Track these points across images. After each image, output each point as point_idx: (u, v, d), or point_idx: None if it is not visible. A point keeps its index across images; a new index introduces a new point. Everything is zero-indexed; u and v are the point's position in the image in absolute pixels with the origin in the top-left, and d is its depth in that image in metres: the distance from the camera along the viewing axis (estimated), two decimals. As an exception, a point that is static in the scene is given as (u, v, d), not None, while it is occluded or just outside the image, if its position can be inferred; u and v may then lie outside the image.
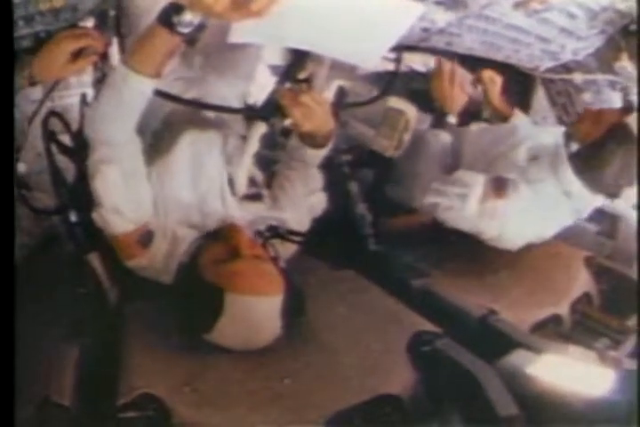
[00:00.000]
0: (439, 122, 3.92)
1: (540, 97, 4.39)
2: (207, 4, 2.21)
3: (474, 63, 3.98)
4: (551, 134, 3.68)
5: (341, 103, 3.38)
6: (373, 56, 2.62)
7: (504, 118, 4.01)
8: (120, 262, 2.88)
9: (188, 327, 2.62)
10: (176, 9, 2.32)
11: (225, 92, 3.14)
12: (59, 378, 2.40)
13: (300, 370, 2.55)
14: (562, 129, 3.63)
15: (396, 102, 3.69)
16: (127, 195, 2.77)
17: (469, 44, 3.52)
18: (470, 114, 4.15)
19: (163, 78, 2.64)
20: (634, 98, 3.68)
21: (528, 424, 2.41)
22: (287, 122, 2.78)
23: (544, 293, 3.47)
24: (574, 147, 3.43)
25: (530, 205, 3.47)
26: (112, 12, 2.98)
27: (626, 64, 3.77)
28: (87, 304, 2.89)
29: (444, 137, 3.87)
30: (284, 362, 2.58)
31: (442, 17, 2.96)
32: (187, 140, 2.96)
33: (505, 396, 2.45)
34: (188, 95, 3.08)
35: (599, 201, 3.47)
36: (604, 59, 3.88)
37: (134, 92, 2.58)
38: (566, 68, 4.06)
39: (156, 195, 2.85)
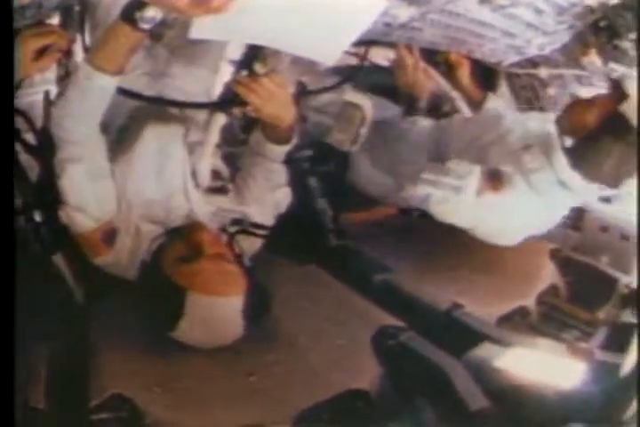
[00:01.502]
0: (411, 108, 3.91)
1: (503, 91, 4.38)
2: (171, 2, 2.21)
3: (436, 58, 4.00)
4: (539, 121, 3.71)
5: (301, 98, 3.37)
6: (335, 52, 2.60)
7: (477, 103, 4.02)
8: (86, 261, 2.87)
9: (152, 326, 2.63)
10: (138, 5, 2.32)
11: (189, 86, 3.14)
12: (34, 382, 2.39)
13: (266, 367, 2.58)
14: (549, 116, 3.66)
15: (352, 97, 3.70)
16: (91, 193, 2.77)
17: (431, 38, 3.49)
18: (439, 102, 4.18)
19: (128, 74, 2.64)
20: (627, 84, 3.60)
21: (500, 417, 2.44)
22: (247, 109, 2.79)
23: (510, 285, 3.51)
24: (568, 141, 3.41)
25: (526, 197, 3.46)
26: (77, 8, 2.98)
27: (594, 59, 3.78)
28: (55, 305, 2.88)
29: (423, 122, 3.89)
30: (249, 359, 2.61)
31: (404, 12, 2.95)
32: (150, 135, 2.96)
33: (474, 389, 2.48)
34: (153, 90, 3.08)
35: (596, 189, 3.42)
36: (572, 54, 3.89)
37: (98, 89, 2.58)
38: (532, 62, 4.07)
39: (119, 191, 2.85)
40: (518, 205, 3.42)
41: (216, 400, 2.42)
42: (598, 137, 3.25)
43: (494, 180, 3.40)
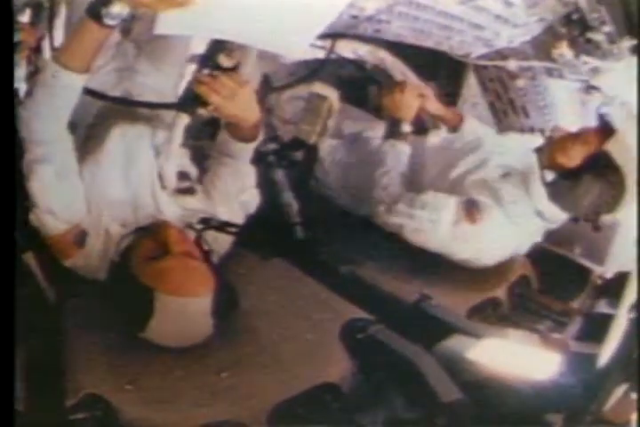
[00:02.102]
0: (393, 131, 3.84)
1: (470, 83, 4.41)
2: None
3: (404, 50, 4.00)
4: (520, 148, 3.71)
5: (267, 91, 3.37)
6: (300, 46, 2.61)
7: (453, 128, 3.98)
8: (57, 261, 2.85)
9: (123, 325, 2.60)
10: (104, 1, 2.29)
11: (158, 82, 3.13)
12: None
13: (237, 363, 2.57)
14: (530, 143, 3.66)
15: (320, 88, 3.70)
16: (60, 195, 2.75)
17: (398, 30, 3.50)
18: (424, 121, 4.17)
19: (96, 71, 2.64)
20: (612, 117, 3.60)
21: (474, 409, 2.43)
22: (209, 109, 2.71)
23: (480, 276, 3.50)
24: (549, 175, 3.42)
25: (503, 227, 3.48)
26: (46, 5, 2.96)
27: (565, 52, 3.78)
28: (28, 305, 2.87)
29: (402, 148, 3.80)
30: (219, 356, 2.59)
31: (371, 4, 2.96)
32: (117, 135, 2.95)
33: (446, 381, 2.48)
34: (121, 87, 3.08)
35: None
36: (542, 46, 3.89)
37: (65, 88, 2.55)
38: (501, 54, 4.05)
39: (88, 193, 2.83)
40: (494, 234, 3.46)
41: (189, 397, 2.40)
42: (580, 174, 3.28)
43: (471, 211, 3.43)
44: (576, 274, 3.73)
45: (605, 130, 3.33)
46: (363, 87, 4.26)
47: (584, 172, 3.26)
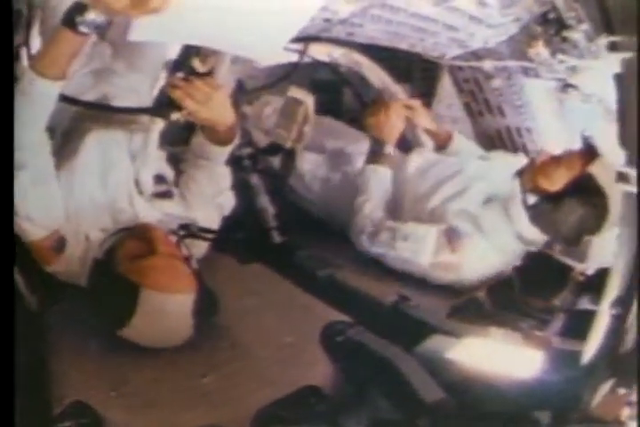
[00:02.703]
0: (376, 153, 3.86)
1: (445, 84, 4.41)
2: (108, 2, 2.19)
3: (378, 53, 4.01)
4: (503, 174, 3.70)
5: (241, 96, 3.37)
6: (272, 50, 2.62)
7: (442, 145, 4.06)
8: (38, 268, 2.87)
9: (105, 326, 2.63)
10: (79, 9, 2.30)
11: (134, 82, 3.13)
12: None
13: (218, 367, 2.59)
14: (513, 166, 3.68)
15: (295, 92, 3.69)
16: (38, 201, 2.75)
17: (372, 33, 3.50)
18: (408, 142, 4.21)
19: (71, 75, 2.61)
20: (595, 141, 3.58)
21: (458, 408, 2.44)
22: (183, 113, 2.74)
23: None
24: (531, 199, 3.47)
25: (484, 253, 3.52)
26: (25, 12, 2.96)
27: (541, 51, 3.79)
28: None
29: (385, 173, 3.82)
30: (200, 360, 2.62)
31: (344, 8, 2.96)
32: (93, 140, 2.96)
33: (428, 381, 2.49)
34: (98, 89, 3.07)
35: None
36: (518, 46, 3.89)
37: (42, 96, 2.56)
38: (475, 55, 4.06)
39: (66, 199, 2.84)
40: (475, 259, 3.50)
41: (173, 402, 2.42)
42: (563, 198, 3.34)
43: (452, 240, 3.46)
44: (557, 272, 3.69)
45: (589, 153, 3.36)
46: (338, 90, 4.26)
47: (567, 195, 3.33)
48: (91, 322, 2.64)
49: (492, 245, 3.50)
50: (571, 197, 3.32)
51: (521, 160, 3.83)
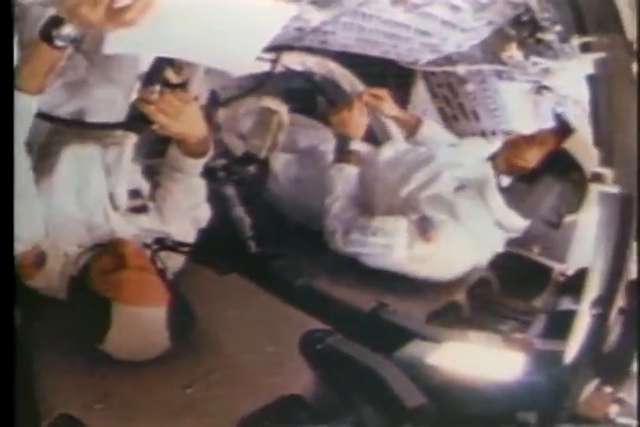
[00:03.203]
0: (342, 150, 3.83)
1: (419, 90, 4.42)
2: (83, 15, 2.18)
3: (351, 60, 4.01)
4: (474, 158, 3.66)
5: (214, 107, 3.37)
6: (244, 61, 2.62)
7: (411, 131, 4.02)
8: (21, 284, 2.83)
9: (84, 341, 2.62)
10: (55, 22, 2.28)
11: (109, 94, 3.08)
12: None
13: (201, 378, 2.59)
14: (485, 151, 3.65)
15: (269, 102, 3.70)
16: (19, 215, 2.75)
17: (344, 41, 3.52)
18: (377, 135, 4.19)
19: (49, 86, 2.59)
20: (571, 117, 3.66)
21: (441, 413, 2.44)
22: (155, 127, 2.73)
23: (437, 281, 3.49)
24: (505, 180, 3.43)
25: (461, 241, 3.44)
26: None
27: (514, 53, 3.81)
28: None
29: (351, 171, 3.76)
30: (183, 372, 2.62)
31: (316, 16, 2.97)
32: (69, 156, 2.94)
33: (409, 386, 2.47)
34: (74, 101, 3.03)
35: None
36: (491, 49, 3.92)
37: (21, 110, 2.50)
38: (449, 59, 4.10)
39: (45, 214, 2.81)
40: (452, 249, 3.43)
41: (157, 414, 2.42)
42: (538, 176, 3.30)
43: (425, 230, 3.39)
44: (536, 273, 3.74)
45: (563, 130, 3.37)
46: (312, 99, 4.26)
47: (542, 173, 3.29)
48: (72, 337, 2.63)
49: (469, 234, 3.42)
50: (546, 175, 3.29)
51: (494, 145, 3.79)
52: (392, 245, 3.37)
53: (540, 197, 3.31)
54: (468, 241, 3.43)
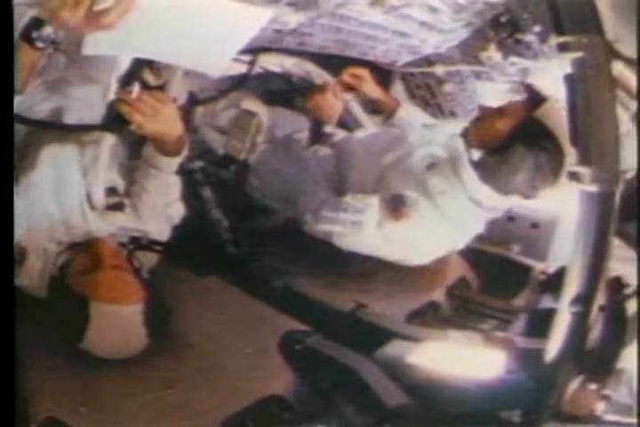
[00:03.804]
0: (317, 133, 3.85)
1: (397, 91, 4.40)
2: (64, 18, 2.18)
3: (330, 61, 3.99)
4: (445, 136, 3.57)
5: (192, 108, 3.37)
6: (220, 62, 2.63)
7: (390, 113, 3.94)
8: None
9: (64, 341, 2.65)
10: (36, 24, 2.28)
11: (88, 93, 3.07)
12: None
13: (182, 380, 2.61)
14: (456, 129, 3.54)
15: (249, 104, 3.70)
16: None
17: (322, 42, 3.52)
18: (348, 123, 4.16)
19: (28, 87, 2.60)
20: (542, 87, 3.50)
21: (424, 412, 2.46)
22: (132, 127, 2.73)
23: (415, 281, 3.52)
24: (476, 154, 3.34)
25: (434, 221, 3.36)
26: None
27: (493, 54, 3.82)
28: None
29: (325, 152, 3.77)
30: (164, 373, 2.63)
31: (293, 18, 2.97)
32: (46, 156, 2.92)
33: (389, 386, 2.51)
34: (52, 101, 3.03)
35: (511, 201, 3.38)
36: (469, 50, 3.93)
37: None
38: (427, 60, 4.12)
39: (25, 213, 2.82)
40: (425, 229, 3.36)
41: (140, 415, 2.43)
42: (509, 147, 3.18)
43: (395, 208, 3.32)
44: (516, 272, 3.76)
45: (534, 99, 3.27)
46: (290, 100, 4.26)
47: (513, 143, 3.18)
48: (53, 337, 2.64)
49: (441, 212, 3.35)
50: (517, 145, 3.17)
51: (463, 124, 3.64)
52: (362, 222, 3.31)
53: (512, 169, 3.19)
54: (442, 221, 3.36)
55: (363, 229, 3.32)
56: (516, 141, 3.17)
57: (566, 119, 2.15)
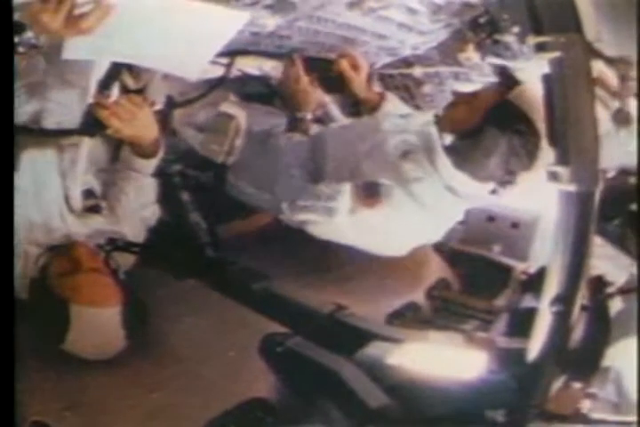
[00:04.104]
0: (293, 121, 3.81)
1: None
2: (44, 22, 2.19)
3: (309, 64, 3.90)
4: (420, 124, 3.49)
5: (170, 112, 3.37)
6: (197, 66, 2.67)
7: (372, 108, 3.89)
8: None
9: (47, 344, 2.71)
10: (17, 29, 2.28)
11: (66, 97, 3.04)
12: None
13: (164, 384, 2.66)
14: (430, 117, 3.47)
15: (227, 107, 3.69)
16: None
17: (300, 45, 3.54)
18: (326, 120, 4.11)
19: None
20: (517, 71, 3.44)
21: (406, 413, 2.45)
22: (109, 131, 2.83)
23: (395, 282, 3.56)
24: (448, 138, 3.26)
25: (409, 209, 3.31)
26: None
27: (471, 55, 3.82)
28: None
29: (301, 139, 3.70)
30: (146, 378, 2.69)
31: (271, 21, 2.97)
32: (26, 160, 2.94)
33: (370, 387, 2.50)
34: (32, 104, 3.00)
35: (488, 188, 3.23)
36: (448, 51, 3.94)
37: None
38: (405, 62, 4.13)
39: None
40: (400, 218, 3.31)
41: (124, 419, 2.48)
42: (481, 131, 3.11)
43: (369, 195, 3.27)
44: (497, 272, 3.77)
45: (508, 83, 3.20)
46: (269, 103, 4.24)
47: (486, 127, 3.11)
48: (36, 339, 2.68)
49: (416, 200, 3.28)
50: (489, 129, 3.09)
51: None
52: (335, 209, 3.25)
53: (485, 153, 3.11)
54: (416, 209, 3.30)
55: (335, 216, 3.26)
56: (488, 125, 3.10)
57: (542, 102, 2.14)
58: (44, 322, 2.71)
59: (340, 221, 3.28)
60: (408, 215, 3.31)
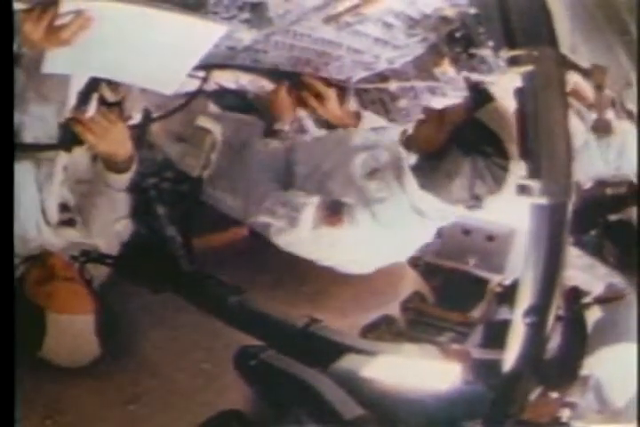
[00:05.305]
0: (269, 129, 3.78)
1: (351, 108, 4.20)
2: (26, 32, 2.24)
3: (285, 78, 3.92)
4: (393, 138, 3.38)
5: (146, 125, 3.38)
6: (174, 80, 2.72)
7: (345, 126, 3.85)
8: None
9: (23, 349, 2.60)
10: None
11: (43, 112, 3.08)
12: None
13: (141, 396, 2.69)
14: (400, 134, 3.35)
15: (203, 121, 3.67)
16: None
17: (276, 59, 3.53)
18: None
19: None
20: (491, 86, 3.25)
21: (381, 424, 2.47)
22: (85, 147, 2.91)
23: (370, 296, 3.57)
24: (413, 158, 3.09)
25: (371, 230, 3.21)
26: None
27: (447, 69, 3.84)
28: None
29: (276, 146, 3.65)
30: (123, 390, 2.72)
31: (247, 35, 2.98)
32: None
33: (344, 399, 2.53)
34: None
35: (456, 211, 3.12)
36: (424, 65, 3.94)
37: None
38: (381, 76, 4.12)
39: None
40: (362, 238, 3.22)
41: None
42: (445, 151, 2.94)
43: (332, 213, 3.21)
44: (473, 285, 3.79)
45: (478, 99, 3.02)
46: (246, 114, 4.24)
47: (450, 148, 2.93)
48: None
49: (379, 221, 3.17)
50: (453, 149, 2.91)
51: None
52: (298, 220, 3.19)
53: (448, 175, 2.93)
54: (378, 229, 3.20)
55: (297, 226, 3.20)
56: (453, 145, 2.92)
57: (513, 119, 2.14)
58: (23, 330, 2.61)
59: (303, 234, 3.24)
60: (370, 235, 3.22)
